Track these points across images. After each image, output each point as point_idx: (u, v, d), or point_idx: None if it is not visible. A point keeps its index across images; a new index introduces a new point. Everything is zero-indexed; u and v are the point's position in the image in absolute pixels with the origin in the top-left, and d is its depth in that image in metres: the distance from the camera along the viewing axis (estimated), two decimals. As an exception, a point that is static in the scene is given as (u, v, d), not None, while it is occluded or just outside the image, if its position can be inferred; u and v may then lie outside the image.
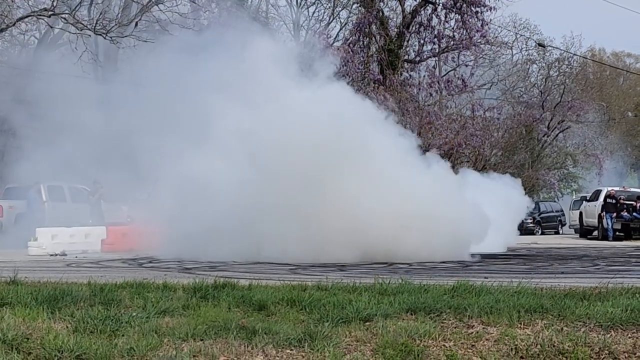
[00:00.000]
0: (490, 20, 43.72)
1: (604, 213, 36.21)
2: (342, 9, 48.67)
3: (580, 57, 61.60)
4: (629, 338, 8.84)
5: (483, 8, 41.34)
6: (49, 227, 25.81)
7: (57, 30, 39.00)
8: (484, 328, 9.00)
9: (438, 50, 43.18)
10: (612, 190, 37.56)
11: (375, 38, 41.61)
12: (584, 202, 41.75)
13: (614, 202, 36.29)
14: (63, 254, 23.47)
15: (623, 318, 9.19)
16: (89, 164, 31.06)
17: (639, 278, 14.33)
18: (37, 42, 42.89)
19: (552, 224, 50.97)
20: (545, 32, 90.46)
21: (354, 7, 45.87)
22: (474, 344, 8.62)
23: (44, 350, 7.94)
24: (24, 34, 40.35)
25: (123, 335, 8.46)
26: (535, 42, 57.41)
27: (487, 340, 8.69)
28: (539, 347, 8.51)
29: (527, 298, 10.07)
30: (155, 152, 22.66)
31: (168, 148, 22.69)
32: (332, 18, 49.29)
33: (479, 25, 41.70)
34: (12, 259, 19.44)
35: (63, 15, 33.97)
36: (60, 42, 41.35)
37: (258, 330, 8.60)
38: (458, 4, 41.00)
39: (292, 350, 8.28)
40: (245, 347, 8.24)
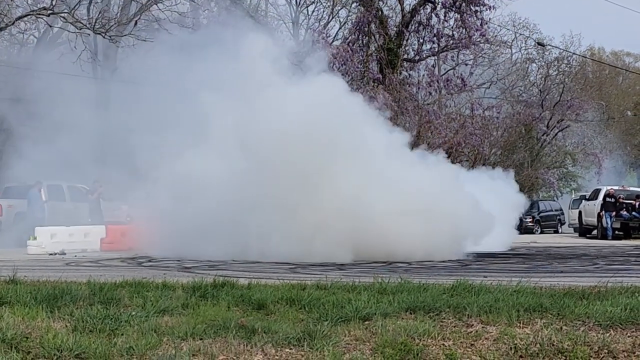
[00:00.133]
0: (490, 19, 43.77)
1: (603, 212, 36.22)
2: (341, 8, 48.66)
3: (580, 56, 61.64)
4: (628, 337, 8.84)
5: (482, 7, 41.33)
6: (48, 226, 25.81)
7: (56, 29, 39.00)
8: (483, 327, 9.00)
9: (437, 49, 43.19)
10: (611, 189, 37.57)
11: (375, 37, 41.60)
12: (583, 201, 41.79)
13: (613, 201, 36.30)
14: (62, 253, 23.46)
15: (622, 317, 9.19)
16: (88, 163, 31.02)
17: (639, 277, 14.33)
18: (36, 41, 42.85)
19: (551, 223, 50.97)
20: (545, 31, 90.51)
21: (353, 6, 45.86)
22: (473, 343, 8.62)
23: (43, 349, 7.94)
24: (23, 33, 40.33)
25: (122, 335, 8.46)
26: (535, 41, 57.45)
27: (486, 340, 8.69)
28: (539, 346, 8.51)
29: (526, 297, 10.07)
30: (153, 150, 22.65)
31: (165, 147, 22.67)
32: (331, 17, 49.28)
33: (478, 24, 41.69)
34: (11, 258, 19.44)
35: (62, 14, 33.97)
36: (60, 41, 41.33)
37: (257, 330, 8.60)
38: (457, 3, 40.99)
39: (291, 350, 8.28)
40: (245, 346, 8.24)
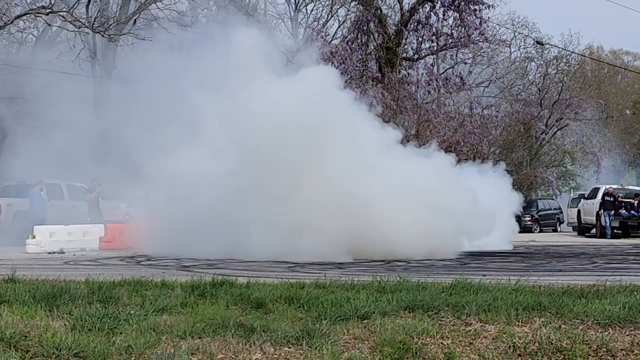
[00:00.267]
0: (489, 18, 43.83)
1: (602, 211, 36.23)
2: (340, 7, 48.63)
3: (579, 54, 61.69)
4: (627, 336, 8.84)
5: (481, 6, 41.37)
6: (47, 225, 25.80)
7: (55, 28, 38.98)
8: (482, 326, 9.00)
9: (436, 48, 43.21)
10: (610, 188, 37.57)
11: (374, 36, 41.61)
12: (582, 199, 41.81)
13: (612, 199, 36.31)
14: (61, 252, 23.46)
15: (621, 316, 9.19)
16: (86, 162, 31.00)
17: (637, 276, 14.34)
18: (35, 40, 42.83)
19: (550, 222, 50.98)
20: (544, 29, 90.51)
21: (352, 4, 45.86)
22: (472, 342, 8.62)
23: (42, 348, 7.94)
24: (22, 32, 40.27)
25: (121, 333, 8.45)
26: (534, 39, 57.47)
27: (485, 338, 8.69)
28: (537, 344, 8.51)
29: (525, 296, 10.08)
30: (150, 149, 22.64)
31: (161, 145, 22.65)
32: (330, 16, 49.26)
33: (477, 23, 41.73)
34: (10, 257, 19.45)
35: (61, 13, 33.95)
36: (58, 39, 41.31)
37: (256, 328, 8.60)
38: (456, 2, 41.02)
39: (290, 348, 8.28)
40: (244, 345, 8.24)
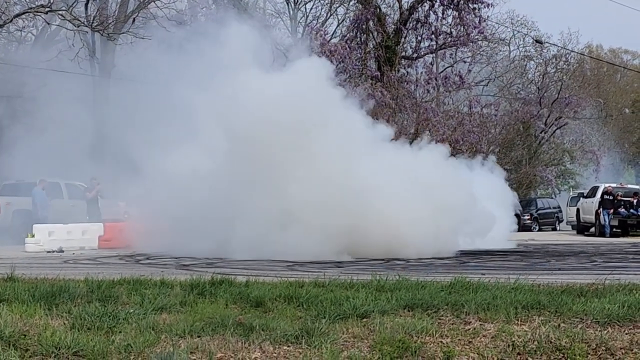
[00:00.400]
0: (488, 17, 43.80)
1: (601, 209, 36.21)
2: (339, 6, 48.65)
3: (578, 53, 61.64)
4: (626, 334, 8.85)
5: (480, 4, 41.37)
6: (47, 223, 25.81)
7: (54, 27, 38.96)
8: (481, 324, 9.01)
9: (435, 47, 43.19)
10: (609, 187, 37.56)
11: (373, 34, 41.61)
12: (581, 198, 41.79)
13: (611, 198, 36.30)
14: (60, 251, 23.46)
15: (620, 314, 9.20)
16: (84, 161, 30.99)
17: (636, 274, 14.34)
18: (34, 38, 42.81)
19: (549, 221, 50.95)
20: (543, 28, 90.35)
21: (351, 3, 45.87)
22: (471, 341, 8.63)
23: (41, 347, 7.94)
24: (21, 31, 40.24)
25: (120, 332, 8.46)
26: (533, 38, 57.39)
27: (484, 337, 8.69)
28: (536, 343, 8.51)
29: (524, 294, 10.08)
30: (147, 147, 22.63)
31: (159, 143, 22.64)
32: (329, 14, 49.27)
33: (477, 22, 41.73)
34: (9, 256, 19.46)
35: (60, 12, 33.94)
36: (57, 38, 41.30)
37: (255, 327, 8.60)
38: (455, 1, 41.02)
39: (289, 347, 8.28)
40: (243, 343, 8.24)
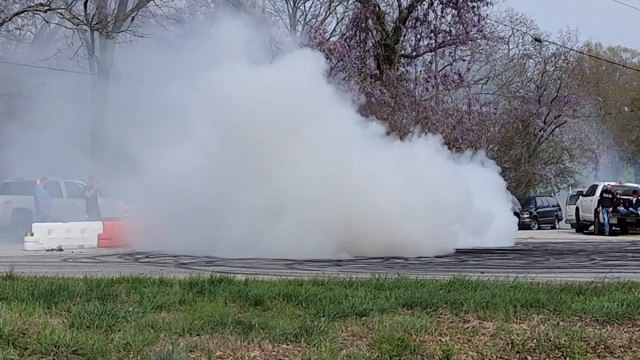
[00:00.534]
0: (487, 15, 43.80)
1: (601, 208, 36.19)
2: (338, 4, 48.69)
3: (577, 52, 61.64)
4: (625, 332, 8.85)
5: (479, 3, 41.36)
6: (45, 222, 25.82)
7: (53, 26, 38.95)
8: (480, 323, 9.01)
9: (434, 45, 43.18)
10: (608, 185, 37.56)
11: (372, 33, 41.59)
12: (581, 196, 41.79)
13: (611, 196, 36.29)
14: (59, 249, 23.45)
15: (619, 313, 9.20)
16: (84, 159, 31.01)
17: (635, 273, 14.34)
18: (33, 37, 42.81)
19: (548, 219, 50.98)
20: (542, 27, 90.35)
21: (350, 2, 45.86)
22: (470, 339, 8.63)
23: (41, 346, 7.94)
24: (20, 29, 40.24)
25: (119, 330, 8.46)
26: (532, 37, 57.43)
27: (483, 335, 8.70)
28: (535, 341, 8.52)
29: (523, 293, 10.09)
30: (147, 145, 22.63)
31: (157, 141, 22.64)
32: (328, 13, 49.29)
33: (476, 20, 41.72)
34: (8, 254, 19.46)
35: (59, 10, 33.93)
36: (56, 37, 41.30)
37: (254, 325, 8.60)
38: (454, -1, 41.03)
39: (288, 345, 8.28)
40: (242, 342, 8.24)
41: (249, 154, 20.80)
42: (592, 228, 38.04)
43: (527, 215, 46.80)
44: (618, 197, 36.49)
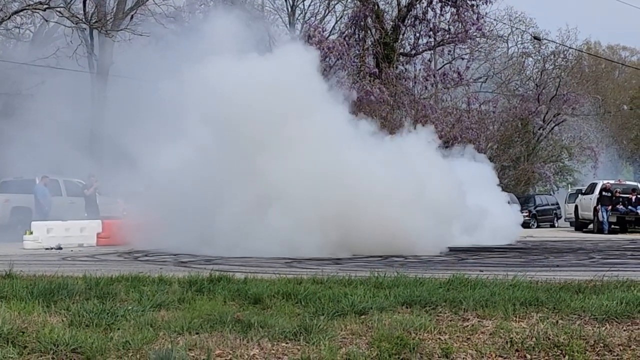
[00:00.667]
0: (486, 14, 43.87)
1: (600, 206, 36.19)
2: (337, 2, 48.67)
3: (576, 50, 61.64)
4: (624, 331, 8.86)
5: (478, 1, 41.43)
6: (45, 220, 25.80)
7: (52, 24, 38.92)
8: (480, 321, 9.01)
9: (434, 44, 43.22)
10: (607, 183, 37.56)
11: (371, 31, 41.61)
12: (580, 195, 41.80)
13: (610, 195, 36.30)
14: (59, 248, 23.44)
15: (618, 311, 9.21)
16: (83, 157, 30.98)
17: (634, 271, 14.35)
18: (32, 35, 42.80)
19: (547, 217, 50.97)
20: (541, 25, 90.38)
21: (349, 0, 45.85)
22: (470, 337, 8.63)
23: (40, 344, 7.93)
24: (19, 28, 40.23)
25: (119, 329, 8.45)
26: (531, 35, 57.40)
27: (482, 334, 8.70)
28: (534, 340, 8.52)
29: (522, 291, 10.09)
30: (146, 144, 22.62)
31: (155, 139, 22.62)
32: (327, 11, 49.26)
33: (475, 19, 41.75)
34: (7, 253, 19.44)
35: (58, 9, 33.92)
36: (56, 35, 41.28)
37: (253, 324, 8.60)
38: (453, -3, 41.05)
39: (287, 344, 8.28)
40: (241, 340, 8.24)
41: (239, 149, 20.74)
42: (591, 226, 38.06)
43: (526, 214, 46.80)
44: (617, 195, 36.50)
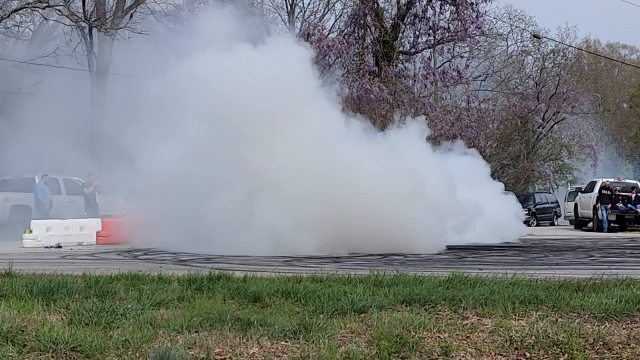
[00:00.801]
0: (485, 12, 43.79)
1: (599, 204, 36.22)
2: (336, 1, 48.67)
3: (575, 48, 61.65)
4: (623, 329, 8.86)
5: (478, -1, 41.37)
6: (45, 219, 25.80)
7: (51, 22, 38.91)
8: (479, 319, 9.01)
9: (433, 42, 43.18)
10: (607, 182, 37.57)
11: (370, 29, 41.58)
12: (579, 193, 41.81)
13: (609, 193, 36.31)
14: (58, 246, 23.44)
15: (617, 309, 9.21)
16: (83, 156, 30.98)
17: (634, 269, 14.36)
18: (31, 34, 42.78)
19: (547, 216, 50.99)
20: (540, 23, 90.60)
21: (349, -2, 45.85)
22: (469, 335, 8.63)
23: (39, 343, 7.93)
24: (19, 26, 40.22)
25: (118, 327, 8.45)
26: (530, 33, 57.42)
27: (481, 332, 8.70)
28: (534, 338, 8.52)
29: (521, 289, 10.09)
30: (145, 142, 22.61)
31: (154, 138, 22.62)
32: (326, 10, 49.25)
33: (474, 17, 41.71)
34: (6, 251, 19.44)
35: (57, 7, 33.91)
36: (55, 33, 41.27)
37: (253, 322, 8.59)
38: (453, -4, 41.03)
39: (287, 342, 8.28)
40: (240, 338, 8.24)
41: (232, 144, 20.74)
42: (590, 225, 38.07)
43: (525, 212, 46.79)
44: (617, 193, 36.52)
